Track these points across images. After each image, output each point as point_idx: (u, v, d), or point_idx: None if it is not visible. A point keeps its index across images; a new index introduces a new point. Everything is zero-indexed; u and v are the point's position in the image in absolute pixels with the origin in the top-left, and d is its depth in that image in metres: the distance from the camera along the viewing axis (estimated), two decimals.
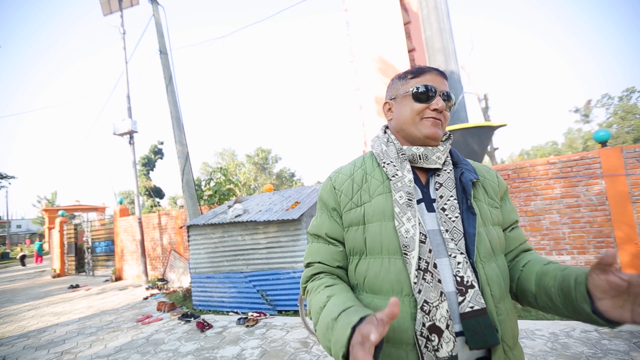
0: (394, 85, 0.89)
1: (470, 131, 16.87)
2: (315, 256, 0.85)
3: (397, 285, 0.72)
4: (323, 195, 0.89)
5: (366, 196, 0.82)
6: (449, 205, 0.77)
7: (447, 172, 0.83)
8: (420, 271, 0.70)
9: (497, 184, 0.88)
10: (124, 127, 8.42)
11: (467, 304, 0.68)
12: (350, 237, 0.82)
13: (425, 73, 0.83)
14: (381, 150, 0.87)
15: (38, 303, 7.05)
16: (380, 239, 0.76)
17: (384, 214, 0.78)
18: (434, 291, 0.69)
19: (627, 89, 36.53)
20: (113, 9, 9.08)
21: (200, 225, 5.00)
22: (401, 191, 0.78)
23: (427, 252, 0.71)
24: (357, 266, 0.80)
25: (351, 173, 0.88)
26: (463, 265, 0.71)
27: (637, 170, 3.90)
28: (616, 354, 2.52)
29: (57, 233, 12.32)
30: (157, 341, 3.88)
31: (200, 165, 36.13)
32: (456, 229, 0.75)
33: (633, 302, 0.55)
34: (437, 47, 19.27)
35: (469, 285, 0.69)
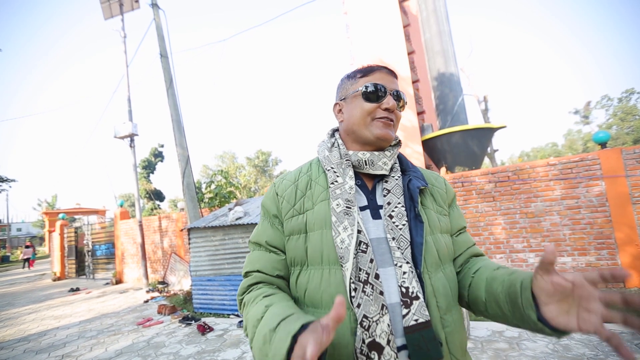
0: (343, 85, 0.86)
1: (470, 133, 16.91)
2: (255, 265, 0.80)
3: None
4: (265, 201, 0.85)
5: (309, 203, 0.79)
6: (397, 213, 0.74)
7: (395, 178, 0.80)
8: (360, 283, 0.66)
9: (445, 191, 0.86)
10: (124, 130, 8.45)
11: (411, 316, 0.65)
12: (291, 246, 0.78)
13: (374, 71, 0.81)
14: (324, 156, 0.84)
15: (38, 306, 7.04)
16: (320, 249, 0.72)
17: (325, 222, 0.74)
18: (374, 304, 0.65)
19: (626, 90, 36.59)
20: (114, 13, 9.13)
21: (200, 227, 5.01)
22: (339, 198, 0.74)
23: (367, 262, 0.68)
24: (298, 278, 0.76)
25: (296, 179, 0.84)
26: (409, 275, 0.67)
27: (637, 171, 3.90)
28: (618, 356, 2.51)
29: (57, 236, 12.31)
30: (157, 344, 3.87)
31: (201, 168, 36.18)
32: (403, 237, 0.71)
33: (578, 307, 0.51)
34: (437, 49, 19.34)
35: (414, 296, 0.66)
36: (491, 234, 4.71)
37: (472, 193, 4.85)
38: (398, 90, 0.80)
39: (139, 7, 9.14)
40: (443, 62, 19.13)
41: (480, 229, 4.77)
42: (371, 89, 0.78)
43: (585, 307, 0.50)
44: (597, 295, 0.49)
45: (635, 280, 3.83)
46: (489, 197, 4.72)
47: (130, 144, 8.62)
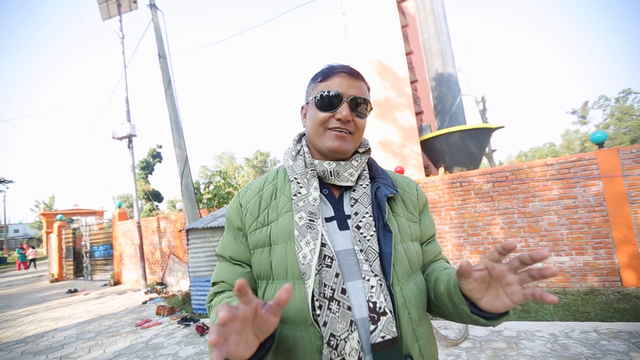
0: (308, 87, 0.80)
1: (469, 133, 16.96)
2: (220, 276, 0.78)
3: (301, 314, 0.65)
4: (229, 213, 0.81)
5: (273, 214, 0.75)
6: (364, 223, 0.71)
7: (363, 187, 0.76)
8: (325, 300, 0.63)
9: (416, 197, 0.83)
10: (122, 131, 8.43)
11: (378, 333, 0.62)
12: (256, 260, 0.74)
13: (332, 75, 0.74)
14: (288, 165, 0.80)
15: (36, 308, 7.01)
16: (285, 263, 0.69)
17: (289, 235, 0.70)
18: (341, 322, 0.62)
19: (623, 91, 36.80)
20: (112, 14, 9.11)
21: (199, 228, 5.00)
22: (302, 211, 0.71)
23: (332, 277, 0.65)
24: (265, 292, 0.73)
25: (260, 189, 0.80)
26: (376, 290, 0.65)
27: (634, 171, 3.93)
28: (615, 354, 2.53)
29: (55, 237, 12.27)
30: (156, 345, 3.86)
31: (199, 168, 36.13)
32: (371, 249, 0.68)
33: (502, 286, 0.55)
34: (435, 50, 19.39)
35: (382, 312, 0.63)
36: (489, 234, 4.72)
37: (471, 193, 4.87)
38: (357, 96, 0.73)
39: (137, 7, 9.13)
40: (441, 62, 19.18)
41: (479, 229, 4.79)
42: (325, 96, 0.73)
43: (505, 283, 0.54)
44: (506, 268, 0.53)
45: (632, 278, 3.85)
46: (487, 197, 4.74)
47: (128, 144, 8.60)
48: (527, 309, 3.68)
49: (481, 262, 0.55)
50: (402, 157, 18.39)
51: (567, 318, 3.37)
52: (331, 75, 0.74)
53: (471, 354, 2.80)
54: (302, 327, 0.65)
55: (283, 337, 0.67)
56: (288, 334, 0.67)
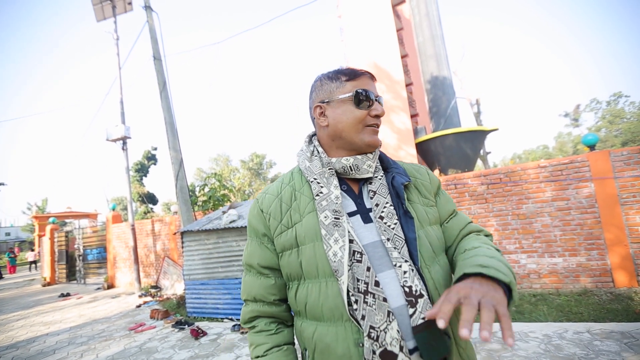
0: (324, 86, 0.81)
1: (463, 136, 17.09)
2: (250, 292, 0.81)
3: (336, 310, 0.68)
4: (251, 220, 0.83)
5: (297, 216, 0.76)
6: (387, 213, 0.73)
7: (379, 178, 0.79)
8: (360, 294, 0.66)
9: (429, 181, 0.86)
10: (117, 133, 8.36)
11: (418, 315, 0.64)
12: (285, 262, 0.76)
13: (360, 76, 0.78)
14: (305, 166, 0.81)
15: (27, 312, 6.90)
16: (315, 262, 0.71)
17: (316, 235, 0.72)
18: (379, 313, 0.64)
19: (614, 94, 37.39)
20: (106, 15, 9.06)
21: (194, 231, 4.97)
22: (326, 210, 0.73)
23: (364, 271, 0.67)
24: (297, 292, 0.75)
25: (279, 192, 0.81)
26: (409, 274, 0.67)
27: (625, 173, 3.98)
28: (608, 355, 2.55)
29: (47, 240, 12.10)
30: (150, 349, 3.82)
31: (195, 171, 35.96)
32: (397, 236, 0.71)
33: None
34: (430, 53, 19.55)
35: (418, 294, 0.66)
36: None
37: (465, 195, 4.90)
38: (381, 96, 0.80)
39: (132, 9, 9.09)
40: (436, 65, 19.35)
41: None
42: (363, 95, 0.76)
43: None
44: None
45: (624, 279, 3.90)
46: (482, 199, 4.77)
47: (122, 146, 8.53)
48: (522, 310, 3.70)
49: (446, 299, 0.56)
50: (397, 159, 18.33)
51: (561, 319, 3.39)
52: (359, 76, 0.79)
53: None
54: (338, 322, 0.68)
55: (320, 334, 0.70)
56: (324, 330, 0.69)
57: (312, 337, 0.72)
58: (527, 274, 4.41)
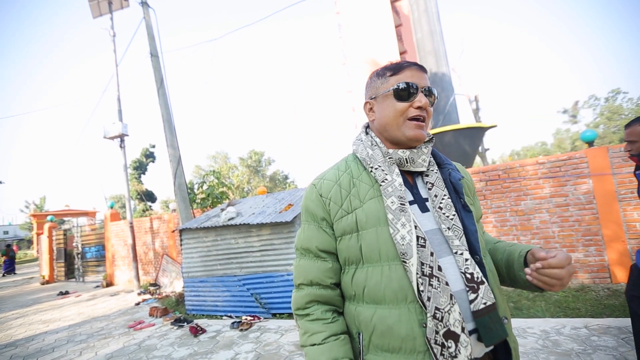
0: (372, 83, 0.86)
1: (462, 132, 17.07)
2: (307, 275, 0.82)
3: (400, 292, 0.70)
4: (309, 205, 0.84)
5: (356, 201, 0.79)
6: (445, 204, 0.77)
7: (435, 172, 0.83)
8: (426, 277, 0.69)
9: (471, 182, 0.92)
10: (114, 131, 8.32)
11: (480, 300, 0.68)
12: (344, 246, 0.79)
13: (404, 69, 0.80)
14: (367, 154, 0.83)
15: (26, 311, 6.89)
16: (377, 246, 0.73)
17: (379, 219, 0.75)
18: (443, 296, 0.67)
19: (612, 90, 37.43)
20: (103, 12, 8.98)
21: (192, 228, 4.96)
22: (392, 196, 0.75)
23: (429, 255, 0.70)
24: (354, 276, 0.77)
25: (337, 178, 0.83)
26: (471, 262, 0.71)
27: (623, 169, 3.99)
28: (605, 350, 2.57)
29: (45, 239, 12.07)
30: (149, 347, 3.82)
31: (193, 168, 35.87)
32: (456, 227, 0.75)
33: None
34: (428, 49, 19.49)
35: (480, 281, 0.70)
36: None
37: None
38: (429, 87, 0.80)
39: (129, 5, 9.01)
40: (435, 62, 19.30)
41: None
42: (403, 87, 0.78)
43: None
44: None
45: (622, 275, 3.92)
46: (480, 195, 4.78)
47: (120, 144, 8.49)
48: (519, 306, 3.72)
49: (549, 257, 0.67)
50: None
51: (559, 314, 3.41)
52: (403, 69, 0.80)
53: None
54: (401, 304, 0.70)
55: (381, 317, 0.72)
56: (385, 313, 0.71)
57: (370, 320, 0.73)
58: None
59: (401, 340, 0.69)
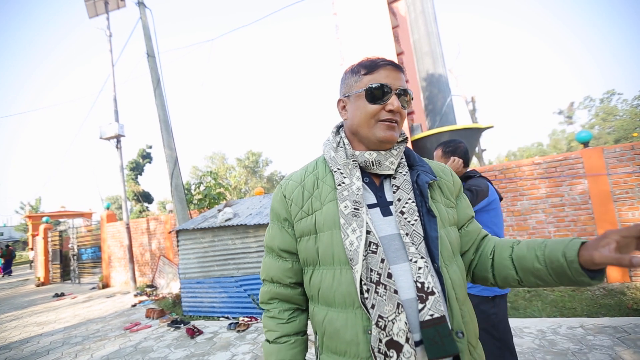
0: (347, 80, 0.82)
1: (459, 133, 17.13)
2: (269, 273, 0.85)
3: (348, 297, 0.70)
4: (274, 204, 0.85)
5: (317, 203, 0.78)
6: (408, 208, 0.74)
7: (403, 174, 0.80)
8: (372, 284, 0.67)
9: (452, 182, 0.86)
10: (110, 131, 8.28)
11: (427, 311, 0.65)
12: (302, 247, 0.79)
13: (378, 68, 0.76)
14: (330, 156, 0.82)
15: (21, 313, 6.82)
16: (332, 249, 0.73)
17: (334, 223, 0.74)
18: (388, 304, 0.65)
19: (607, 92, 37.73)
20: (99, 11, 8.95)
21: (189, 229, 4.94)
22: (347, 200, 0.74)
23: (378, 262, 0.68)
24: (311, 277, 0.77)
25: (302, 179, 0.83)
26: (424, 271, 0.68)
27: (618, 169, 4.02)
28: (601, 349, 2.58)
29: (41, 240, 11.97)
30: (145, 349, 3.80)
31: (190, 169, 35.73)
32: (416, 232, 0.72)
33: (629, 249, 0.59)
34: (425, 50, 19.54)
35: (430, 291, 0.67)
36: None
37: None
38: (404, 88, 0.77)
39: (125, 5, 8.99)
40: (431, 63, 19.37)
41: None
42: (375, 88, 0.75)
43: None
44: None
45: (617, 274, 3.95)
46: None
47: (116, 145, 8.45)
48: (516, 306, 3.73)
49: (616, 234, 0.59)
50: None
51: (555, 314, 3.43)
52: (377, 68, 0.76)
53: None
54: (349, 309, 0.70)
55: (330, 319, 0.72)
56: (335, 316, 0.72)
57: (322, 322, 0.74)
58: None
59: (346, 344, 0.69)
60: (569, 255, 0.65)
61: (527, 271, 0.72)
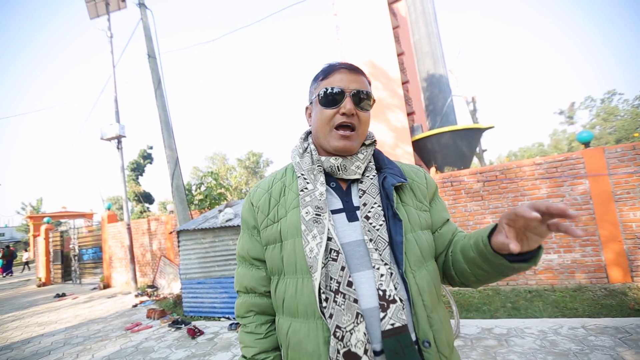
0: (310, 87, 0.82)
1: (460, 133, 17.15)
2: (242, 282, 0.82)
3: (309, 307, 0.67)
4: (243, 213, 0.84)
5: (282, 211, 0.77)
6: (373, 213, 0.71)
7: (370, 178, 0.77)
8: (331, 292, 0.65)
9: (425, 185, 0.83)
10: (111, 132, 8.29)
11: (388, 320, 0.63)
12: (268, 256, 0.77)
13: (333, 72, 0.75)
14: (295, 162, 0.82)
15: (22, 313, 6.84)
16: (294, 257, 0.71)
17: (297, 230, 0.72)
18: (347, 314, 0.63)
19: (608, 92, 37.71)
20: (100, 13, 8.96)
21: (190, 230, 4.94)
22: (308, 206, 0.72)
23: (338, 270, 0.66)
24: (277, 287, 0.76)
25: (269, 187, 0.82)
26: (386, 278, 0.65)
27: (619, 170, 4.01)
28: (602, 350, 2.58)
29: (42, 241, 11.99)
30: (146, 349, 3.80)
31: (191, 169, 35.77)
32: (380, 238, 0.69)
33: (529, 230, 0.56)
34: (426, 50, 19.57)
35: (391, 299, 0.64)
36: None
37: (461, 192, 4.92)
38: (359, 90, 0.74)
39: (126, 6, 9.01)
40: (432, 63, 19.38)
41: (470, 228, 4.84)
42: (328, 92, 0.73)
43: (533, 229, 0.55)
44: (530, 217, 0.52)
45: (618, 275, 3.94)
46: (478, 196, 4.79)
47: (117, 145, 8.46)
48: (517, 306, 3.73)
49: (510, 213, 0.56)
50: (394, 157, 18.50)
51: (556, 315, 3.42)
52: (332, 72, 0.75)
53: (462, 352, 2.82)
54: (310, 319, 0.68)
55: (294, 330, 0.70)
56: (298, 327, 0.70)
57: (286, 333, 0.72)
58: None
59: (308, 355, 0.66)
60: (484, 239, 0.64)
61: (470, 262, 0.69)
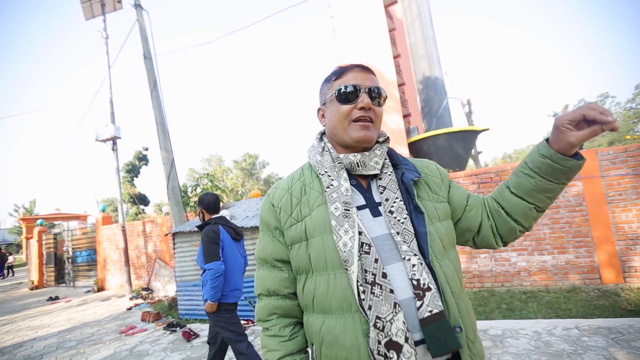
0: (322, 89, 0.86)
1: (455, 135, 17.25)
2: (264, 285, 0.82)
3: (344, 301, 0.69)
4: (263, 214, 0.85)
5: (306, 209, 0.78)
6: (396, 207, 0.75)
7: (388, 174, 0.81)
8: (368, 285, 0.67)
9: (439, 177, 0.87)
10: (106, 133, 8.24)
11: (425, 308, 0.65)
12: (294, 255, 0.78)
13: (347, 71, 0.80)
14: (316, 160, 0.83)
15: (14, 317, 6.75)
16: (324, 254, 0.72)
17: (325, 227, 0.74)
18: (385, 304, 0.65)
19: (601, 95, 38.21)
20: (95, 13, 8.93)
21: (186, 232, 4.92)
22: (337, 202, 0.74)
23: (372, 262, 0.68)
24: (304, 285, 0.76)
25: (289, 187, 0.84)
26: (418, 268, 0.68)
27: (611, 172, 4.07)
28: (595, 350, 2.60)
29: (35, 243, 11.85)
30: (141, 353, 3.77)
31: (187, 171, 35.62)
32: (407, 231, 0.72)
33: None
34: (421, 53, 19.68)
35: (426, 288, 0.66)
36: None
37: None
38: (374, 87, 0.79)
39: (122, 7, 8.97)
40: (428, 65, 19.51)
41: None
42: (344, 90, 0.77)
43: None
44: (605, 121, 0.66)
45: (611, 276, 3.98)
46: None
47: (112, 147, 8.41)
48: (512, 307, 3.76)
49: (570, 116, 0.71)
50: None
51: (550, 316, 3.45)
52: (346, 72, 0.80)
53: None
54: (346, 313, 0.69)
55: (328, 327, 0.70)
56: (332, 323, 0.70)
57: (319, 331, 0.72)
58: (517, 272, 4.47)
59: (347, 350, 0.67)
60: (545, 152, 0.75)
61: (531, 191, 0.78)
